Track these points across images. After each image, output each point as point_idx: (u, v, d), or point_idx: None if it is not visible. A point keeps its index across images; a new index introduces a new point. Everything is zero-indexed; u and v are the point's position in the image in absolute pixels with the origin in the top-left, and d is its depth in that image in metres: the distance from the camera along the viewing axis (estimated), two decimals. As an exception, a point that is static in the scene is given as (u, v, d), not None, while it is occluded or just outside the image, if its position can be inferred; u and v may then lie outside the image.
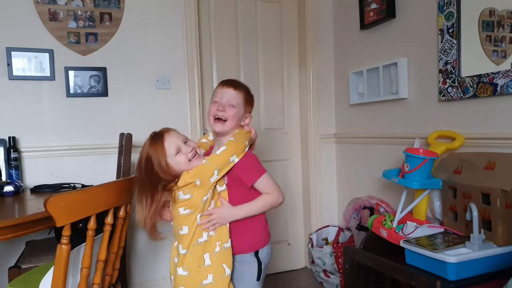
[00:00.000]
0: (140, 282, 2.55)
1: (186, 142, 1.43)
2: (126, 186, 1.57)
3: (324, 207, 2.94)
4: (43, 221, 1.55)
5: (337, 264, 2.50)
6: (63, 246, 1.34)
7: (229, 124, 1.49)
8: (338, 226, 2.71)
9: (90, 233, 1.41)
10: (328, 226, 2.82)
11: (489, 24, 1.85)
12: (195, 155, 1.42)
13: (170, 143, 1.40)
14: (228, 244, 1.46)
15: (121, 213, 1.57)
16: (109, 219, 1.47)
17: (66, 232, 1.34)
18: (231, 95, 1.51)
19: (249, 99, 1.57)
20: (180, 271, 1.43)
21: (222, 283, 1.43)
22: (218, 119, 1.49)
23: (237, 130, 1.53)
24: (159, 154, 1.38)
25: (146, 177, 1.40)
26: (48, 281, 1.38)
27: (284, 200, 1.54)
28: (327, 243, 2.69)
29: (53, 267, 1.37)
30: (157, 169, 1.38)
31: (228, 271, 1.44)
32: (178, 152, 1.39)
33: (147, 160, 1.39)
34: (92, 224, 1.40)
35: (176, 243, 1.51)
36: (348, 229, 2.64)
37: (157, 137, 1.41)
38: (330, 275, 2.55)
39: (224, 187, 1.48)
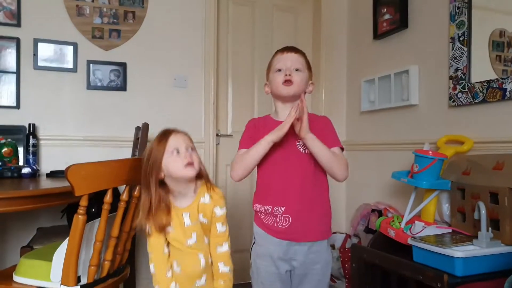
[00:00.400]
0: (147, 278, 2.55)
1: (189, 150, 1.37)
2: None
3: (332, 214, 2.94)
4: (59, 196, 1.59)
5: (343, 269, 2.50)
6: (80, 216, 1.38)
7: (296, 88, 1.45)
8: (346, 233, 2.72)
9: (105, 206, 1.45)
10: (335, 232, 2.82)
11: (499, 44, 1.92)
12: (189, 165, 1.34)
13: (172, 142, 1.35)
14: None
15: (136, 192, 1.61)
16: (125, 195, 1.51)
17: (84, 202, 1.39)
18: (294, 59, 1.46)
19: (309, 64, 1.52)
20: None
21: None
22: (287, 81, 1.43)
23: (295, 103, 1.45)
24: (160, 148, 1.35)
25: (144, 167, 1.38)
26: (62, 252, 1.42)
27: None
28: (333, 249, 2.69)
29: (67, 239, 1.41)
30: (152, 160, 1.35)
31: None
32: (175, 152, 1.34)
33: (149, 152, 1.38)
34: (108, 197, 1.45)
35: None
36: (356, 235, 2.65)
37: (165, 132, 1.39)
38: (336, 280, 2.54)
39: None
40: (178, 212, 1.41)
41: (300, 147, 1.45)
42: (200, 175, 1.43)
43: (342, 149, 1.51)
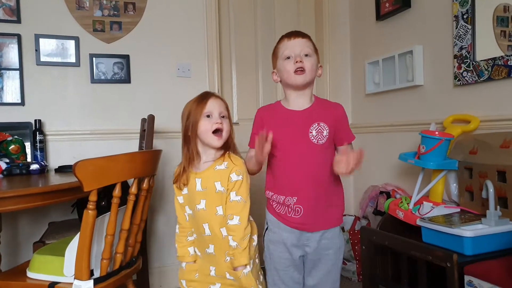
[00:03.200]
0: (159, 266, 2.60)
1: (223, 116, 1.44)
2: (151, 157, 1.62)
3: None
4: (69, 191, 1.61)
5: (353, 251, 2.52)
6: (90, 211, 1.40)
7: (309, 75, 1.42)
8: (355, 215, 2.73)
9: (115, 200, 1.47)
10: (345, 215, 2.83)
11: (504, 19, 1.88)
12: (217, 132, 1.41)
13: (209, 105, 1.42)
14: None
15: (145, 185, 1.62)
16: (133, 188, 1.52)
17: (93, 197, 1.40)
18: (303, 44, 1.43)
19: (316, 48, 1.49)
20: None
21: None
22: (299, 70, 1.40)
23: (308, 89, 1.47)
24: (198, 110, 1.42)
25: (185, 124, 1.46)
26: (74, 247, 1.44)
27: None
28: (343, 232, 2.70)
29: (78, 233, 1.43)
30: (191, 120, 1.43)
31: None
32: (208, 116, 1.42)
33: (188, 111, 1.46)
34: (117, 191, 1.46)
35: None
36: (365, 217, 2.66)
37: (204, 95, 1.46)
38: (346, 262, 2.57)
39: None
40: (192, 176, 1.46)
41: (312, 138, 1.43)
42: (227, 146, 1.47)
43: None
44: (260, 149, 1.34)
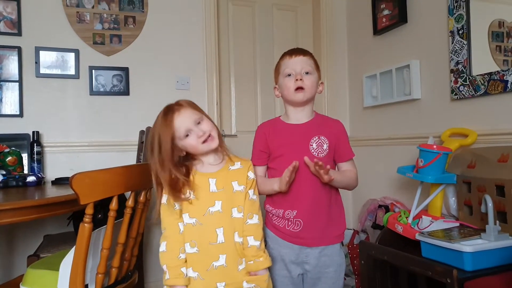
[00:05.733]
0: (155, 281, 2.56)
1: (199, 123, 1.30)
2: (148, 170, 1.61)
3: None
4: (65, 204, 1.59)
5: (352, 265, 2.49)
6: (86, 224, 1.38)
7: (308, 93, 1.43)
8: (353, 229, 2.71)
9: (111, 213, 1.45)
10: (342, 229, 2.82)
11: (499, 35, 1.90)
12: (207, 138, 1.30)
13: (180, 125, 1.28)
14: None
15: (142, 198, 1.61)
16: (130, 202, 1.51)
17: (89, 210, 1.38)
18: (304, 62, 1.45)
19: (317, 64, 1.51)
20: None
21: None
22: (299, 88, 1.42)
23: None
24: (168, 135, 1.27)
25: (162, 154, 1.29)
26: (69, 261, 1.42)
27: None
28: (342, 245, 2.68)
29: (74, 247, 1.41)
30: (163, 149, 1.28)
31: None
32: (187, 135, 1.29)
33: (158, 139, 1.29)
34: (114, 205, 1.45)
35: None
36: (363, 231, 2.64)
37: (167, 115, 1.29)
38: (345, 277, 2.54)
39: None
40: (204, 177, 1.33)
41: (313, 151, 1.43)
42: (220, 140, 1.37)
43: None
44: (290, 180, 1.36)
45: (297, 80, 1.41)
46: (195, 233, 1.30)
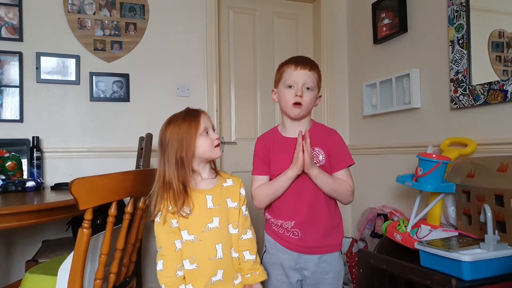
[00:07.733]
0: (153, 287, 2.56)
1: (213, 129, 1.39)
2: (148, 176, 1.61)
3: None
4: (64, 209, 1.60)
5: (350, 274, 2.49)
6: (84, 230, 1.38)
7: (305, 110, 1.44)
8: (352, 237, 2.71)
9: (110, 219, 1.45)
10: (341, 237, 2.82)
11: (499, 45, 1.92)
12: (218, 144, 1.37)
13: (203, 121, 1.34)
14: None
15: (141, 204, 1.61)
16: (129, 208, 1.51)
17: (88, 216, 1.38)
18: (307, 77, 1.42)
19: (321, 76, 1.49)
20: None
21: None
22: (297, 103, 1.42)
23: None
24: (192, 128, 1.33)
25: (170, 146, 1.35)
26: (67, 267, 1.41)
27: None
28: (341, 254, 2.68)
29: (72, 253, 1.41)
30: (180, 139, 1.33)
31: None
32: (206, 132, 1.34)
33: (176, 131, 1.35)
34: (113, 210, 1.45)
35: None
36: (362, 239, 2.63)
37: (190, 114, 1.37)
38: (343, 285, 2.53)
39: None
40: (201, 194, 1.35)
41: None
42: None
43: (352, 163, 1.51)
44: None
45: (296, 95, 1.41)
46: (194, 250, 1.32)
